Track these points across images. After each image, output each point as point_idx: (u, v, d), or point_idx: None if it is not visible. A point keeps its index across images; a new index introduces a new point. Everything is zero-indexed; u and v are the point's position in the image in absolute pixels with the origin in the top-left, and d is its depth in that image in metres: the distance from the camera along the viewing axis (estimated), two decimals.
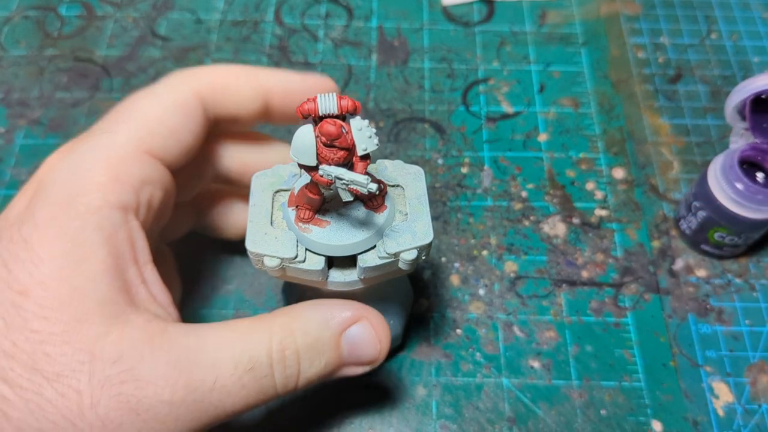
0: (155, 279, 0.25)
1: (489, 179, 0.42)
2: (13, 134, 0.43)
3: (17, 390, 0.20)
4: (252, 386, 0.23)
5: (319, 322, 0.25)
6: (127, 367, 0.21)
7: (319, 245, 0.24)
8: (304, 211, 0.24)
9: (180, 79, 0.27)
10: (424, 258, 0.25)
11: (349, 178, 0.21)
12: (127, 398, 0.20)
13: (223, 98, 0.27)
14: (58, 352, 0.20)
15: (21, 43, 0.47)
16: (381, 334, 0.26)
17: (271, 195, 0.25)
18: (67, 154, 0.24)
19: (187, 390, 0.21)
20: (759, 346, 0.36)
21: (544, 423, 0.33)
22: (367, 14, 0.50)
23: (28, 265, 0.21)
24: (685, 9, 0.51)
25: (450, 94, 0.46)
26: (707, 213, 0.36)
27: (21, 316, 0.21)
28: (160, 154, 0.25)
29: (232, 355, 0.23)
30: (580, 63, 0.48)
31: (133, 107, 0.26)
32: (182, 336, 0.22)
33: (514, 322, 0.37)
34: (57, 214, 0.22)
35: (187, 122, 0.26)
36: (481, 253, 0.39)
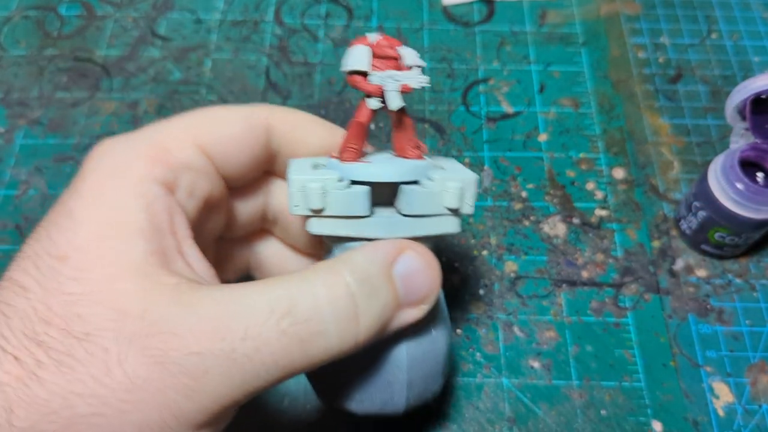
0: (196, 254, 0.24)
1: (489, 179, 0.42)
2: (13, 134, 0.43)
3: (50, 353, 0.20)
4: (294, 332, 0.21)
5: (364, 259, 0.23)
6: (154, 320, 0.20)
7: (363, 172, 0.24)
8: (349, 152, 0.24)
9: (260, 105, 0.28)
10: (470, 205, 0.25)
11: (400, 75, 0.23)
12: (153, 352, 0.20)
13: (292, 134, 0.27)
14: (89, 312, 0.20)
15: (21, 43, 0.47)
16: (431, 261, 0.24)
17: (310, 165, 0.25)
18: (120, 137, 0.25)
19: (215, 339, 0.20)
20: (759, 346, 0.36)
21: (544, 423, 0.33)
22: (367, 14, 0.50)
23: (67, 233, 0.22)
24: (685, 9, 0.51)
25: (450, 94, 0.46)
26: (707, 213, 0.36)
27: (56, 281, 0.21)
28: (211, 151, 0.25)
29: (267, 299, 0.21)
30: (580, 63, 0.48)
31: (203, 110, 0.26)
32: (213, 290, 0.21)
33: (514, 322, 0.37)
34: (99, 183, 0.23)
35: (248, 136, 0.26)
36: (481, 253, 0.39)
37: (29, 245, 0.22)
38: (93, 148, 0.25)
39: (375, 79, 0.24)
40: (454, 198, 0.24)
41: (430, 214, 0.24)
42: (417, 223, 0.24)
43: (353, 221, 0.24)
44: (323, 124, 0.28)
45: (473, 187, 0.25)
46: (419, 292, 0.24)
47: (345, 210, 0.23)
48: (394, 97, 0.24)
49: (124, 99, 0.45)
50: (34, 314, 0.20)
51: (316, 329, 0.21)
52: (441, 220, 0.25)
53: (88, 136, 0.43)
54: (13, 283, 0.21)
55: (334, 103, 0.45)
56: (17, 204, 0.40)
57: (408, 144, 0.25)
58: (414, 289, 0.24)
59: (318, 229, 0.24)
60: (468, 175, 0.25)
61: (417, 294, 0.24)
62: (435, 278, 0.24)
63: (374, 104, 0.24)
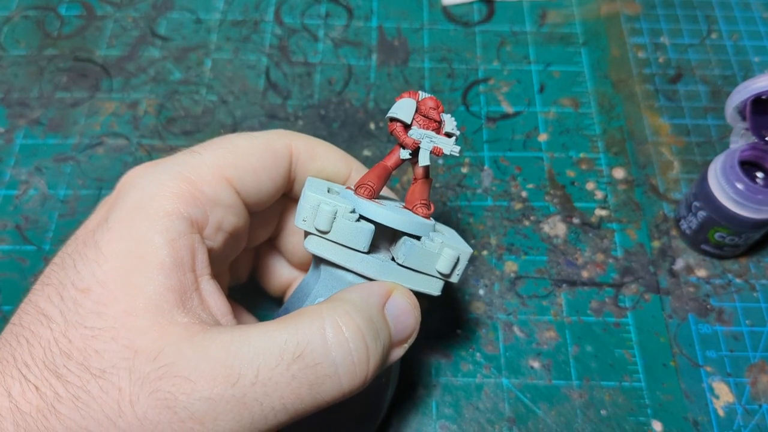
0: (213, 290, 0.24)
1: (489, 179, 0.42)
2: (13, 134, 0.43)
3: (68, 387, 0.20)
4: (304, 377, 0.21)
5: (363, 300, 0.23)
6: (166, 363, 0.20)
7: (375, 211, 0.25)
8: (366, 188, 0.26)
9: (281, 132, 0.28)
10: (458, 275, 0.27)
11: (437, 138, 0.26)
12: (165, 395, 0.20)
13: (311, 162, 0.28)
14: (105, 348, 0.21)
15: (21, 43, 0.47)
16: (415, 302, 0.25)
17: (326, 187, 0.27)
18: (150, 167, 0.25)
19: (226, 384, 0.20)
20: (759, 346, 0.36)
21: (544, 423, 0.33)
22: (367, 14, 0.50)
23: (92, 265, 0.22)
24: (685, 9, 0.51)
25: (450, 94, 0.46)
26: (707, 213, 0.36)
27: (79, 314, 0.21)
28: (238, 185, 0.26)
29: (277, 343, 0.21)
30: (580, 63, 0.48)
31: (227, 139, 0.27)
32: (224, 333, 0.21)
33: (514, 322, 0.37)
34: (127, 216, 0.23)
35: (272, 168, 0.27)
36: (481, 253, 0.39)
37: (55, 272, 0.23)
38: (124, 175, 0.25)
39: (414, 134, 0.26)
40: (448, 264, 0.26)
41: (421, 270, 0.26)
42: (406, 275, 0.26)
43: (351, 253, 0.25)
44: (341, 153, 0.30)
45: (466, 260, 0.27)
46: (406, 331, 0.25)
47: (347, 240, 0.25)
48: (425, 155, 0.26)
49: (124, 99, 0.45)
50: (55, 346, 0.21)
51: (325, 372, 0.21)
52: (428, 279, 0.26)
53: (88, 136, 0.43)
54: (39, 311, 0.22)
55: (334, 102, 0.45)
56: (17, 204, 0.40)
57: (420, 200, 0.27)
58: (402, 328, 0.25)
59: (316, 248, 0.25)
60: (464, 247, 0.27)
61: (404, 333, 0.25)
62: (418, 317, 0.25)
63: (405, 155, 0.27)
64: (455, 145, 0.26)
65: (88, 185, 0.41)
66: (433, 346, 0.36)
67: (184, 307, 0.22)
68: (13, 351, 0.21)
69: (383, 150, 0.43)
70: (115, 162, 0.42)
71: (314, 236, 0.25)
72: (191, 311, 0.22)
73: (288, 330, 0.21)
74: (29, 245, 0.39)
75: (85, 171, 0.42)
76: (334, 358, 0.21)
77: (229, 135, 0.28)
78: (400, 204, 0.28)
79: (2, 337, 0.22)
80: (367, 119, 0.44)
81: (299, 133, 0.29)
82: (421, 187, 0.27)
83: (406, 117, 0.26)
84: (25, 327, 0.22)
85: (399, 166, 0.27)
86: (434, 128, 0.26)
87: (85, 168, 0.42)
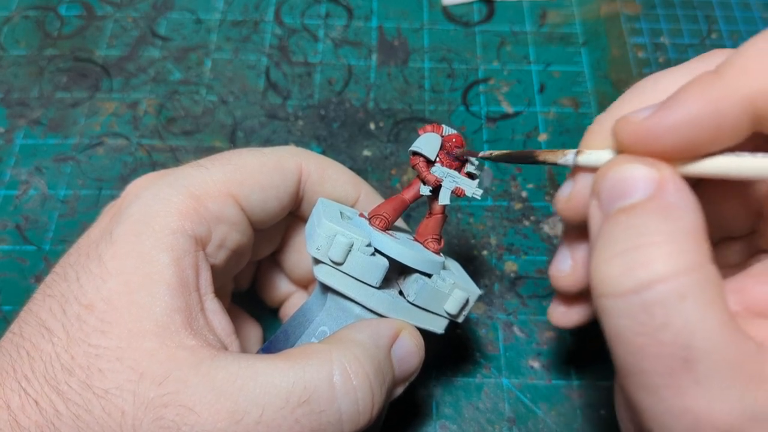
0: (217, 309, 0.24)
1: (489, 179, 0.42)
2: (13, 134, 0.43)
3: (69, 405, 0.20)
4: (308, 422, 0.21)
5: (372, 344, 0.23)
6: (172, 390, 0.20)
7: (390, 246, 0.25)
8: (381, 220, 0.26)
9: (290, 149, 0.28)
10: (464, 315, 0.27)
11: (460, 179, 0.26)
12: (168, 423, 0.20)
13: (321, 184, 0.28)
14: (110, 368, 0.20)
15: (21, 43, 0.47)
16: (421, 343, 0.26)
17: (338, 211, 0.26)
18: (156, 179, 0.25)
19: (230, 421, 0.20)
20: None
21: (544, 423, 0.33)
22: (367, 14, 0.50)
23: (97, 280, 0.22)
24: (685, 9, 0.51)
25: (450, 94, 0.46)
26: None
27: (83, 330, 0.21)
28: (243, 203, 0.26)
29: (284, 386, 0.20)
30: (581, 63, 0.48)
31: (236, 155, 0.26)
32: (231, 363, 0.21)
33: (514, 322, 0.37)
34: (132, 232, 0.23)
35: (280, 187, 0.27)
36: (481, 253, 0.39)
37: (57, 283, 0.22)
38: (130, 185, 0.25)
39: (437, 171, 0.26)
40: (457, 305, 0.26)
41: (429, 309, 0.26)
42: (415, 313, 0.26)
43: (362, 286, 0.25)
44: (351, 175, 0.29)
45: (474, 301, 0.27)
46: (408, 372, 0.25)
47: (361, 274, 0.24)
48: (446, 194, 0.26)
49: (124, 99, 0.45)
50: (57, 361, 0.21)
51: (329, 420, 0.21)
52: (435, 318, 0.26)
53: (88, 136, 0.43)
54: (40, 323, 0.22)
55: (334, 102, 0.45)
56: (17, 204, 0.40)
57: (432, 235, 0.27)
58: (405, 369, 0.25)
59: (326, 278, 0.25)
60: (473, 287, 0.27)
61: (407, 373, 0.25)
62: (422, 358, 0.26)
63: (426, 191, 0.27)
64: (477, 188, 0.26)
65: (88, 185, 0.41)
66: (433, 345, 0.36)
67: (191, 329, 0.22)
68: (13, 362, 0.21)
69: (383, 150, 0.43)
70: (115, 162, 0.42)
71: (326, 265, 0.25)
72: (198, 333, 0.22)
73: (296, 371, 0.21)
74: (29, 245, 0.39)
75: (85, 171, 0.42)
76: (339, 406, 0.21)
77: (238, 150, 0.27)
78: (411, 236, 0.28)
79: (2, 346, 0.22)
80: (367, 119, 0.44)
81: (310, 152, 0.29)
82: (436, 222, 0.27)
83: (431, 153, 0.26)
84: (26, 338, 0.21)
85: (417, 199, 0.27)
86: (457, 167, 0.26)
87: (85, 168, 0.42)
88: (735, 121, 0.18)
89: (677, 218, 0.17)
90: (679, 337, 0.16)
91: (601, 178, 0.19)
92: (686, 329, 0.16)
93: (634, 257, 0.17)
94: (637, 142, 0.19)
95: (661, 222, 0.17)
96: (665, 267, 0.16)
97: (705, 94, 0.18)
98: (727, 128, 0.18)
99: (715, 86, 0.18)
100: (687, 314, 0.16)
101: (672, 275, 0.16)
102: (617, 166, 0.19)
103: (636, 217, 0.18)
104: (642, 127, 0.19)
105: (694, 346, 0.16)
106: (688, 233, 0.17)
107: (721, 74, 0.18)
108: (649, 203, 0.18)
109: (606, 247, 0.18)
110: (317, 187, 0.28)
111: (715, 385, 0.16)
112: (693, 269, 0.16)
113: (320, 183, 0.28)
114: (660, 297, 0.16)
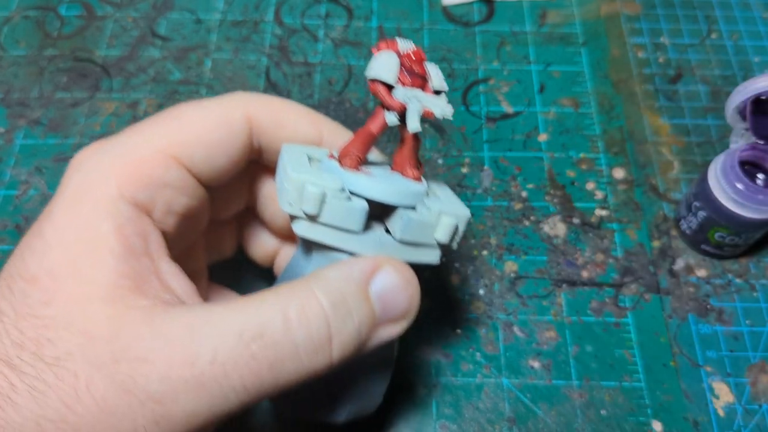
0: (175, 271, 0.24)
1: (489, 179, 0.42)
2: (13, 134, 0.43)
3: (22, 377, 0.20)
4: (264, 356, 0.20)
5: (340, 278, 0.22)
6: (123, 346, 0.20)
7: (366, 186, 0.23)
8: (352, 159, 0.24)
9: (236, 98, 0.26)
10: (457, 241, 0.25)
11: (426, 98, 0.22)
12: (123, 378, 0.20)
13: (277, 131, 0.26)
14: (59, 337, 0.20)
15: (21, 43, 0.47)
16: (409, 277, 0.24)
17: (306, 157, 0.24)
18: (95, 150, 0.24)
19: (184, 365, 0.20)
20: (759, 346, 0.36)
21: (544, 423, 0.33)
22: (367, 14, 0.50)
23: (38, 254, 0.21)
24: (685, 9, 0.51)
25: (450, 94, 0.46)
26: (707, 213, 0.36)
27: (27, 304, 0.21)
28: (188, 164, 0.25)
29: (237, 324, 0.20)
30: (580, 63, 0.48)
31: (177, 113, 0.25)
32: (186, 313, 0.21)
33: (514, 322, 0.37)
34: (70, 204, 0.22)
35: (228, 142, 0.25)
36: (481, 253, 0.39)
37: (6, 266, 0.22)
38: (72, 159, 0.24)
39: (400, 95, 0.23)
40: (447, 233, 0.24)
41: (419, 242, 0.24)
42: (404, 249, 0.24)
43: (344, 234, 0.23)
44: (306, 115, 0.27)
45: (464, 225, 0.24)
46: (397, 309, 0.24)
47: (340, 222, 0.23)
48: (414, 119, 0.23)
49: (124, 99, 0.45)
50: (7, 338, 0.20)
51: (286, 353, 0.21)
52: (427, 250, 0.24)
53: (88, 136, 0.43)
54: None
55: (334, 102, 0.45)
56: (17, 204, 0.40)
57: (410, 162, 0.25)
58: (392, 306, 0.23)
59: (306, 232, 0.23)
60: (462, 210, 0.25)
61: (395, 311, 0.24)
62: (414, 294, 0.24)
63: (392, 120, 0.23)
64: (447, 104, 0.23)
65: None
66: (433, 346, 0.36)
67: (141, 292, 0.21)
68: None
69: (383, 149, 0.43)
70: None
71: (302, 219, 0.23)
72: (151, 295, 0.22)
73: (249, 310, 0.21)
74: None
75: None
76: (294, 338, 0.21)
77: (179, 106, 0.25)
78: (387, 165, 0.26)
79: None
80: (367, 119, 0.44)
81: (260, 95, 0.26)
82: (410, 149, 0.24)
83: (389, 77, 0.22)
84: None
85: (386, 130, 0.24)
86: (420, 85, 0.23)
87: None
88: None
89: None
90: None
91: None
92: None
93: None
94: None
95: None
96: None
97: None
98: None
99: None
100: None
101: None
102: None
103: None
104: None
105: None
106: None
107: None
108: None
109: None
110: (273, 134, 0.26)
111: None
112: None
113: (276, 130, 0.26)
114: None
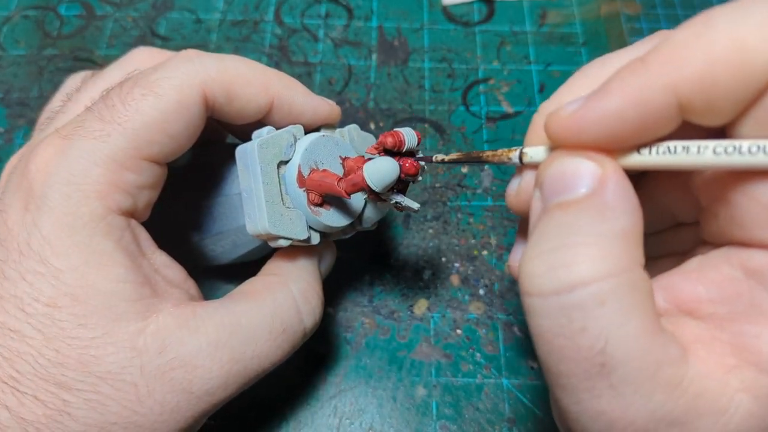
0: (166, 261, 0.26)
1: (489, 179, 0.42)
2: (13, 134, 0.43)
3: (75, 393, 0.21)
4: (285, 344, 0.26)
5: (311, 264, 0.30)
6: (173, 355, 0.22)
7: (327, 228, 0.28)
8: (316, 196, 0.27)
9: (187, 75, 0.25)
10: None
11: (406, 203, 0.26)
12: (180, 382, 0.22)
13: (229, 104, 0.26)
14: (104, 353, 0.22)
15: (20, 43, 0.47)
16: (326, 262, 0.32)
17: (276, 168, 0.27)
18: (61, 155, 0.23)
19: (231, 363, 0.24)
20: None
21: (544, 423, 0.33)
22: (367, 14, 0.50)
23: (50, 279, 0.22)
24: (685, 9, 0.51)
25: (450, 94, 0.46)
26: None
27: (57, 326, 0.21)
28: (159, 158, 0.25)
29: (266, 324, 0.25)
30: (581, 63, 0.48)
31: (134, 108, 0.24)
32: (213, 314, 0.24)
33: (514, 322, 0.37)
34: (64, 226, 0.22)
35: (189, 126, 0.25)
36: (481, 253, 0.39)
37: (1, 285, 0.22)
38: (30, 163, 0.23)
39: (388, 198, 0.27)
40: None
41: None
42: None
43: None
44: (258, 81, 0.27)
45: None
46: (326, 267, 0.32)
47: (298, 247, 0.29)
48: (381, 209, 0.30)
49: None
50: (42, 358, 0.21)
51: (297, 336, 0.27)
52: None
53: None
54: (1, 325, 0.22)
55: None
56: None
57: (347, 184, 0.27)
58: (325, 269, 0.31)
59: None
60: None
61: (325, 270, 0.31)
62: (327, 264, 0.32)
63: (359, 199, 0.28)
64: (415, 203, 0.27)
65: None
66: (433, 346, 0.36)
67: (156, 295, 0.24)
68: None
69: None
70: None
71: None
72: (165, 295, 0.24)
73: (269, 306, 0.26)
74: None
75: None
76: (304, 325, 0.27)
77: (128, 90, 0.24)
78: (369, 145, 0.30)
79: None
80: (367, 119, 0.44)
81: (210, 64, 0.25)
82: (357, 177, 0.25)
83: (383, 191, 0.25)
84: None
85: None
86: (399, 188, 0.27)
87: None
88: (661, 111, 0.17)
89: (611, 219, 0.17)
90: (596, 342, 0.16)
91: (544, 171, 0.19)
92: (603, 335, 0.16)
93: (560, 257, 0.17)
94: (566, 137, 0.18)
95: (593, 222, 0.17)
96: (588, 270, 0.16)
97: (630, 83, 0.17)
98: (655, 118, 0.17)
99: (640, 75, 0.17)
100: (605, 320, 0.16)
101: (593, 279, 0.16)
102: (561, 159, 0.18)
103: (570, 214, 0.17)
104: (569, 121, 0.18)
105: (609, 353, 0.16)
106: (618, 236, 0.17)
107: (646, 62, 0.17)
108: (586, 201, 0.17)
109: (536, 243, 0.18)
110: (226, 108, 0.26)
111: (628, 391, 0.16)
112: (616, 274, 0.16)
113: (228, 103, 0.26)
114: (579, 301, 0.16)
